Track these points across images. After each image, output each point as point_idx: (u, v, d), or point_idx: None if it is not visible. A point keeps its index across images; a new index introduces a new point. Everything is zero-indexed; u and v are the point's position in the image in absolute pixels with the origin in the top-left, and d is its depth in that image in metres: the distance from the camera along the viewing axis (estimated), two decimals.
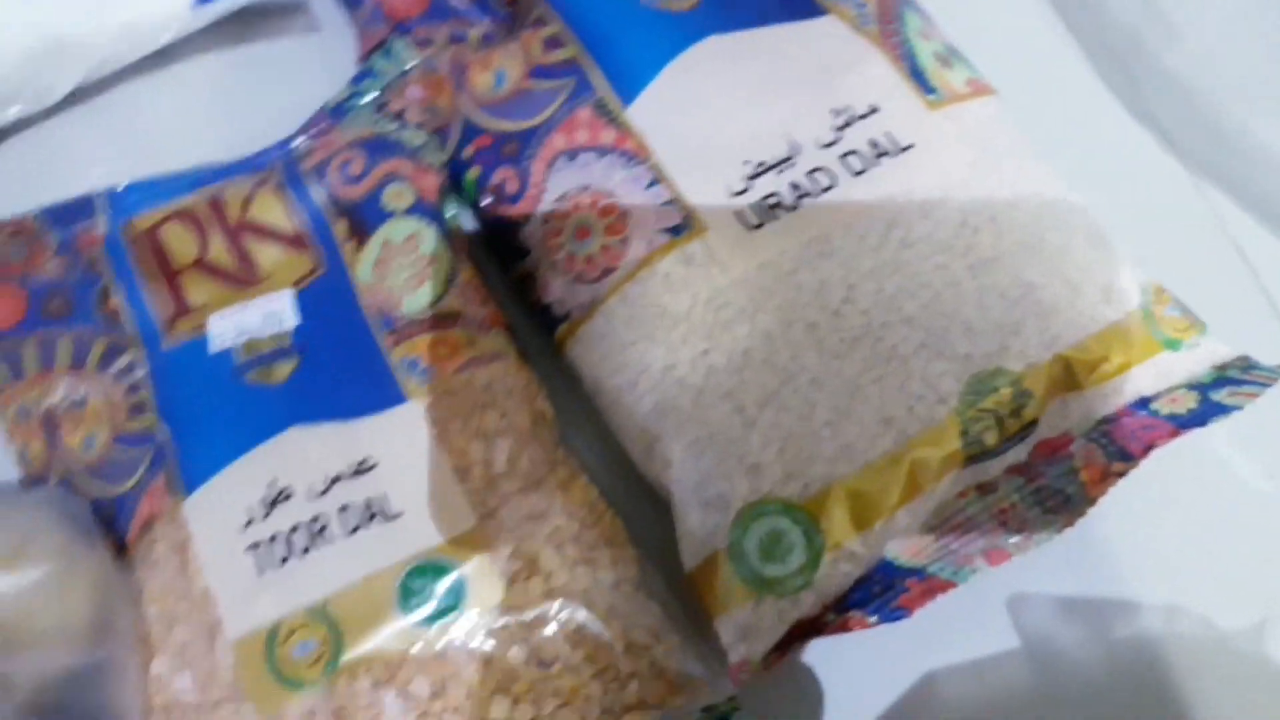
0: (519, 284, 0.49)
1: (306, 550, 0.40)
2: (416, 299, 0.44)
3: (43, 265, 0.46)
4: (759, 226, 0.44)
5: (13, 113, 0.51)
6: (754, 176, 0.45)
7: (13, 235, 0.47)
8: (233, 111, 0.54)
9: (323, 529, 0.40)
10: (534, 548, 0.41)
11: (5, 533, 0.39)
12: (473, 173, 0.48)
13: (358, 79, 0.50)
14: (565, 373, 0.48)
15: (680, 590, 0.43)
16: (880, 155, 0.45)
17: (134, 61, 0.53)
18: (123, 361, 0.44)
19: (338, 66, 0.53)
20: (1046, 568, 0.45)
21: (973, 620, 0.46)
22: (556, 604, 0.40)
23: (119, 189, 0.49)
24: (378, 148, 0.47)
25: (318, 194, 0.47)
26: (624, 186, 0.45)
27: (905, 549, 0.42)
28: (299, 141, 0.49)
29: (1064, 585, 0.47)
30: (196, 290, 0.45)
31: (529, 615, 0.40)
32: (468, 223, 0.50)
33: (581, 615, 0.40)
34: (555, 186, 0.46)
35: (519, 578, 0.40)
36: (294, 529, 0.40)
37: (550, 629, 0.40)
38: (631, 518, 0.44)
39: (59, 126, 0.53)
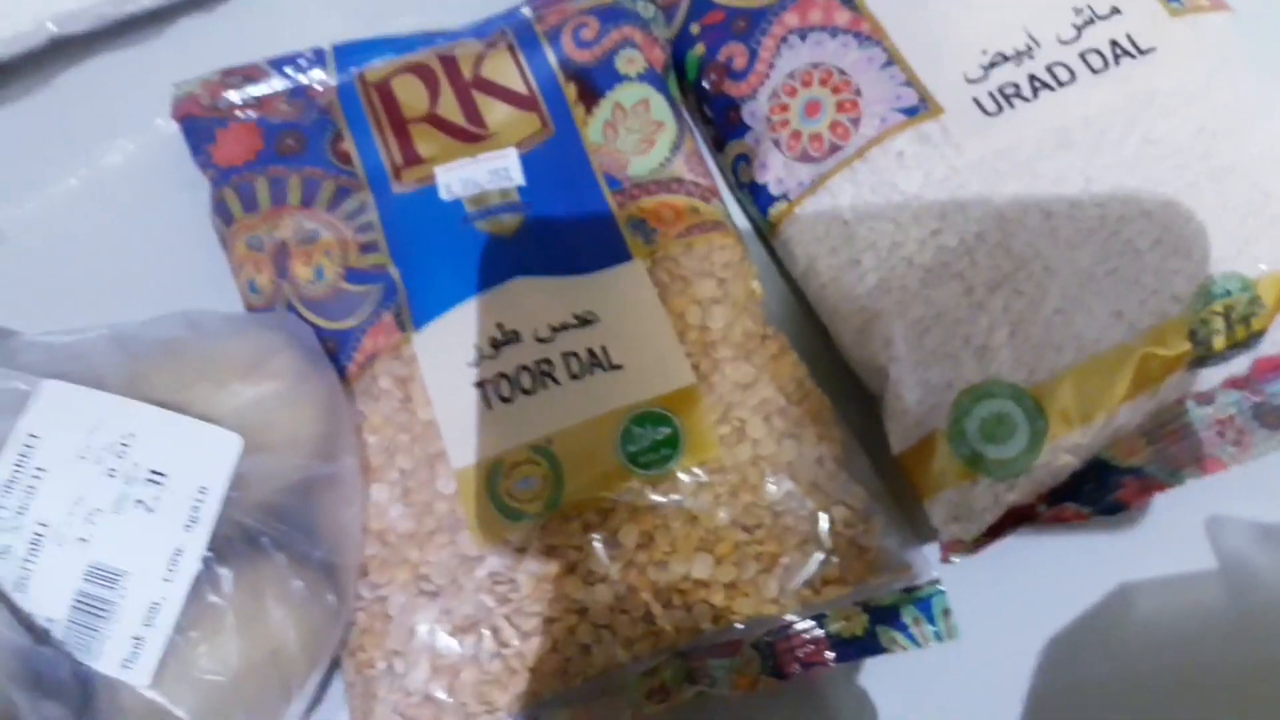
0: (730, 164, 0.49)
1: (531, 390, 0.40)
2: (645, 161, 0.45)
3: (276, 107, 0.47)
4: (996, 113, 0.43)
5: None
6: (991, 66, 0.44)
7: (246, 79, 0.48)
8: None
9: (547, 372, 0.40)
10: (743, 414, 0.41)
11: (244, 348, 0.40)
12: (698, 49, 0.48)
13: None
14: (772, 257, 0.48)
15: (883, 475, 0.43)
16: (1120, 56, 0.44)
17: None
18: (352, 202, 0.45)
19: None
20: (1245, 492, 0.44)
21: (1171, 538, 0.45)
22: (762, 471, 0.40)
23: (348, 45, 0.50)
24: (612, 14, 0.47)
25: (550, 56, 0.47)
26: (858, 66, 0.45)
27: (1122, 447, 0.41)
28: (527, 9, 0.50)
29: (1263, 510, 0.45)
30: (425, 142, 0.46)
31: (736, 478, 0.40)
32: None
33: (786, 485, 0.40)
34: (785, 63, 0.46)
35: (729, 441, 0.40)
36: (520, 369, 0.41)
37: (755, 495, 0.40)
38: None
39: None
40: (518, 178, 0.45)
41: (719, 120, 0.48)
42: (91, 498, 0.33)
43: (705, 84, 0.48)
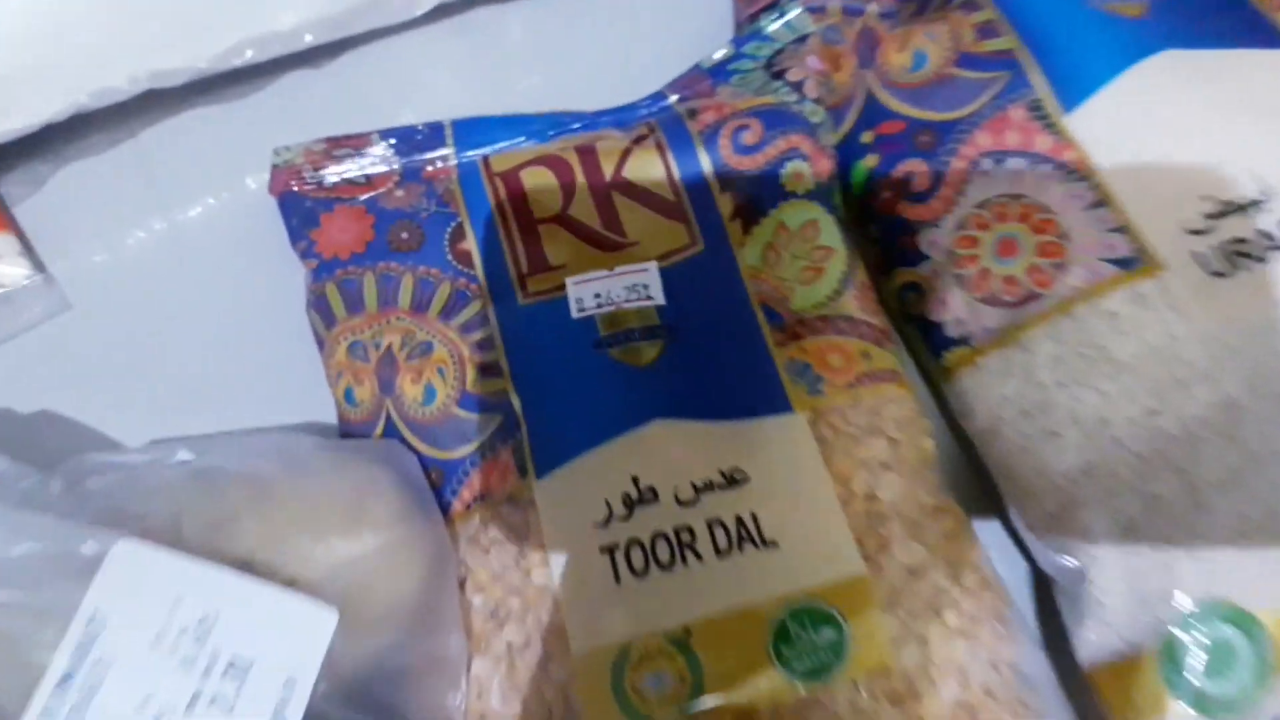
0: (897, 291, 0.42)
1: (669, 564, 0.34)
2: (810, 293, 0.39)
3: (389, 190, 0.42)
4: (1222, 275, 0.37)
5: (381, 14, 0.46)
6: (1216, 216, 0.38)
7: (356, 150, 0.43)
8: (589, 54, 0.48)
9: (689, 544, 0.34)
10: (914, 607, 0.35)
11: (342, 489, 0.34)
12: (869, 161, 0.42)
13: (742, 40, 0.45)
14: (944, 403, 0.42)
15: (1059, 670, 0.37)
16: None
17: None
18: (469, 312, 0.39)
19: (707, 25, 0.47)
20: None
21: None
22: (932, 678, 0.34)
23: (468, 121, 0.44)
24: (778, 118, 0.41)
25: (704, 160, 0.41)
26: (1062, 203, 0.39)
27: None
28: (675, 99, 0.44)
29: None
30: (556, 247, 0.40)
31: (901, 686, 0.34)
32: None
33: (954, 693, 0.34)
34: (976, 190, 0.40)
35: (898, 643, 0.34)
36: (657, 536, 0.35)
37: (922, 706, 0.34)
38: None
39: (401, 46, 0.48)
40: (659, 296, 0.39)
41: (888, 242, 0.42)
42: (161, 697, 0.27)
43: (875, 201, 0.42)
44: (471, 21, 0.49)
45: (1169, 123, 0.40)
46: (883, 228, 0.43)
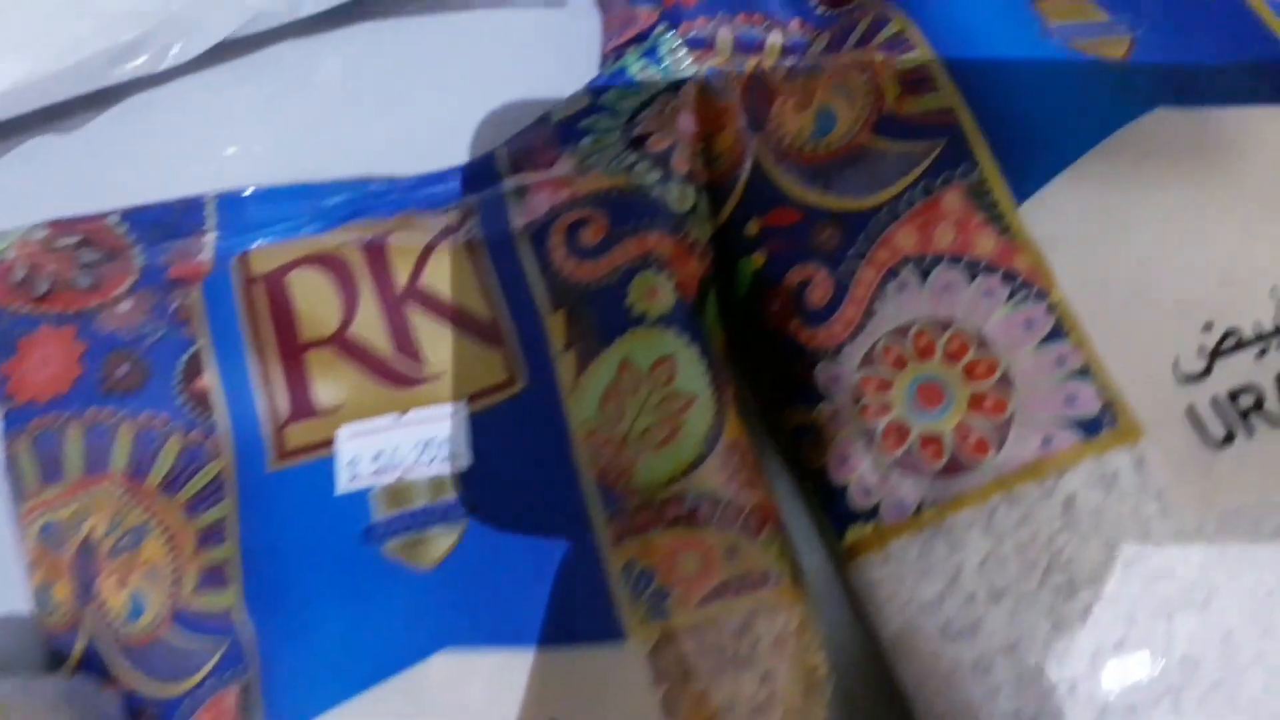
0: (789, 433, 0.32)
1: None
2: (661, 463, 0.28)
3: (115, 302, 0.31)
4: (1226, 441, 0.26)
5: (133, 68, 0.35)
6: (1220, 353, 0.27)
7: (85, 241, 0.32)
8: (424, 94, 0.37)
9: None
10: None
11: None
12: (756, 259, 0.32)
13: (602, 85, 0.33)
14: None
15: None
16: None
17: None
18: (203, 479, 0.29)
19: (579, 54, 0.36)
20: None
21: None
22: None
23: (240, 195, 0.33)
24: (629, 209, 0.31)
25: (530, 266, 0.30)
26: (1008, 333, 0.28)
27: None
28: (505, 169, 0.33)
29: None
30: (328, 380, 0.30)
31: None
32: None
33: None
34: (893, 311, 0.30)
35: None
36: None
37: None
38: None
39: (175, 96, 0.37)
40: (462, 455, 0.28)
41: (777, 369, 0.32)
42: None
43: (762, 313, 0.32)
44: (271, 61, 0.38)
45: (1159, 216, 0.29)
46: (771, 350, 0.32)
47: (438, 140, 0.36)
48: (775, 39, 0.34)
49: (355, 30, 0.38)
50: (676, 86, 0.33)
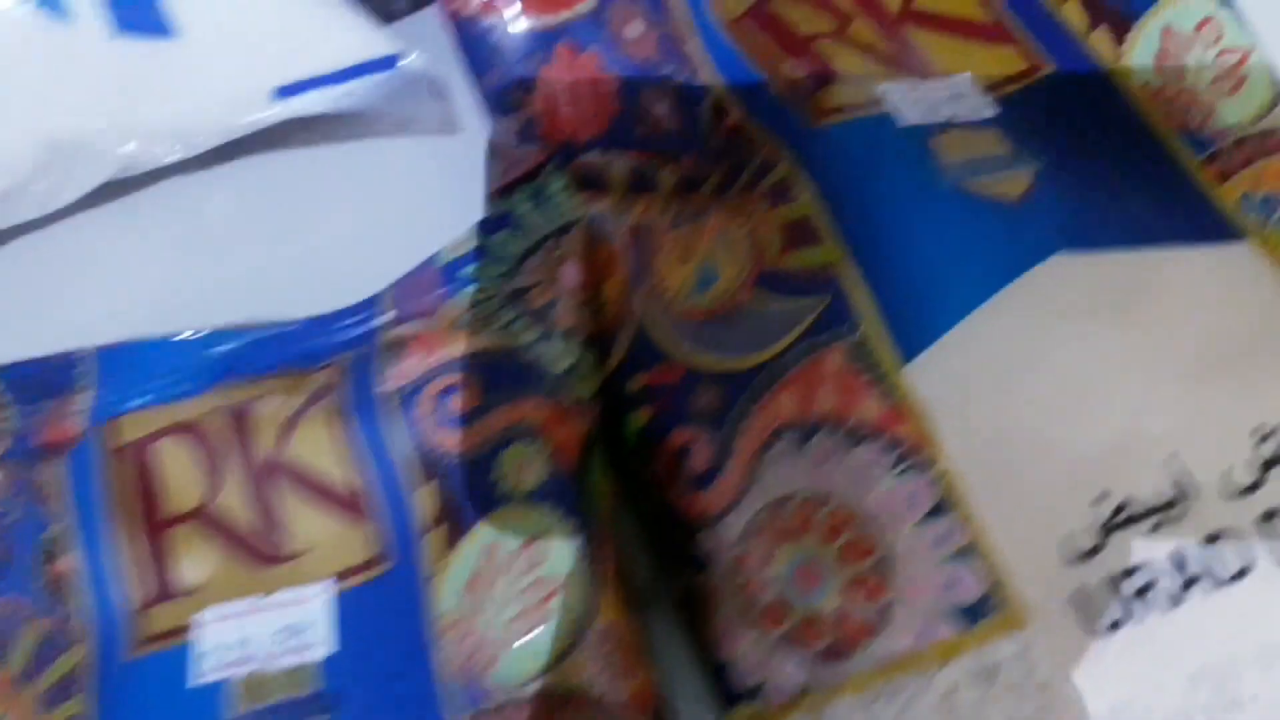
0: (679, 602, 0.31)
1: None
2: (524, 658, 0.27)
3: None
4: (1114, 627, 0.25)
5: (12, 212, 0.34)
6: (1111, 526, 0.26)
7: None
8: (317, 227, 0.36)
9: None
10: None
11: None
12: (640, 416, 0.31)
13: (489, 225, 0.32)
14: None
15: None
16: None
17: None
18: (62, 668, 0.28)
19: (478, 183, 0.35)
20: None
21: None
22: None
23: (120, 348, 0.32)
24: (502, 374, 0.30)
25: (399, 435, 0.29)
26: (889, 508, 0.27)
27: None
28: (387, 317, 0.32)
29: None
30: (192, 559, 0.29)
31: None
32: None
33: None
34: (773, 480, 0.28)
35: None
36: None
37: None
38: None
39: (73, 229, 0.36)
40: (322, 645, 0.27)
41: (662, 531, 0.30)
42: None
43: (646, 474, 0.30)
44: (159, 198, 0.37)
45: (1053, 376, 0.28)
46: (656, 511, 0.30)
47: (331, 275, 0.35)
48: (668, 176, 0.33)
49: (245, 163, 0.37)
50: (563, 231, 0.32)
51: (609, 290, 0.32)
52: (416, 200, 0.36)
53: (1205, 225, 0.30)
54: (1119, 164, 0.31)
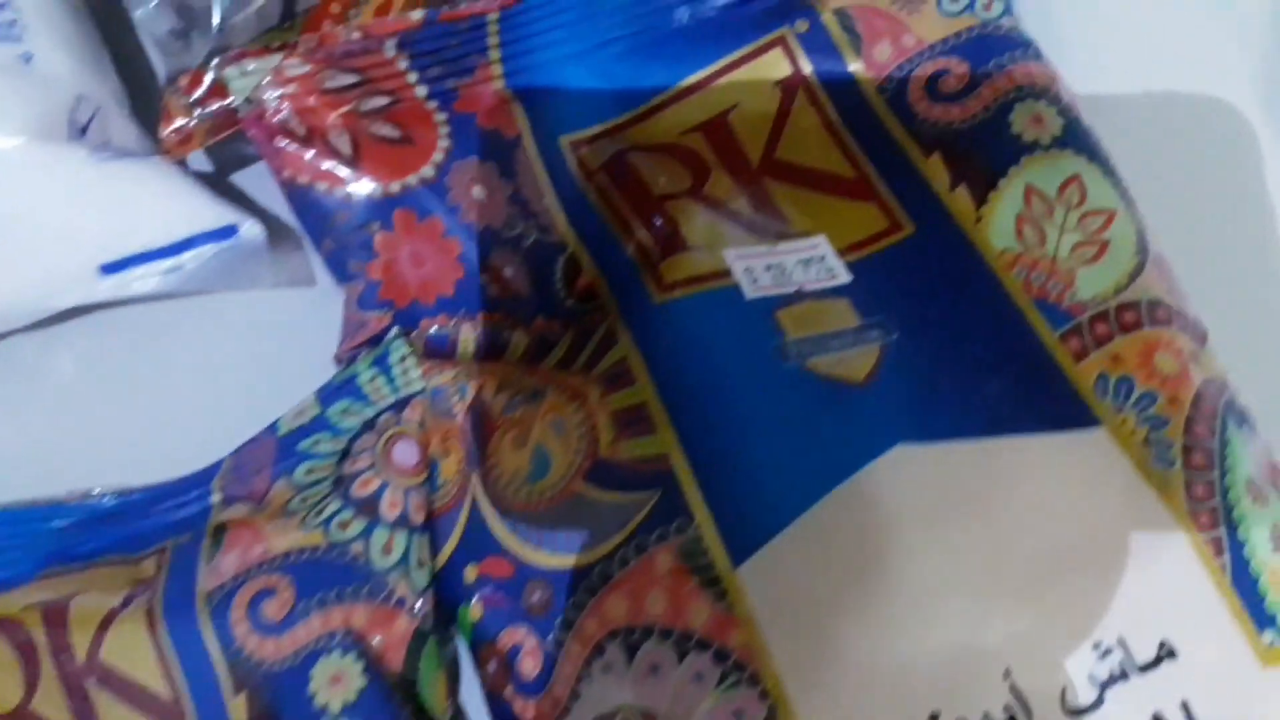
0: None
1: None
2: None
3: None
4: None
5: None
6: None
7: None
8: (167, 387, 0.35)
9: None
10: None
11: None
12: (473, 610, 0.29)
13: (329, 394, 0.31)
14: None
15: None
16: None
17: None
18: None
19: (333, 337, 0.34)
20: None
21: None
22: None
23: None
24: (320, 575, 0.29)
25: (211, 643, 0.28)
26: None
27: None
28: (217, 498, 0.30)
29: None
30: None
31: None
32: None
33: None
34: (599, 694, 0.27)
35: None
36: None
37: None
38: None
39: None
40: None
41: None
42: None
43: (482, 669, 0.29)
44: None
45: (888, 583, 0.27)
46: (495, 712, 0.29)
47: (178, 439, 0.34)
48: (519, 340, 0.32)
49: (91, 320, 0.35)
50: (402, 406, 0.31)
51: (446, 470, 0.30)
52: (271, 357, 0.35)
53: (1060, 410, 0.29)
54: (974, 337, 0.30)
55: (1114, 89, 0.39)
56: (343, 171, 0.31)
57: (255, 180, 0.36)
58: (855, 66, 0.34)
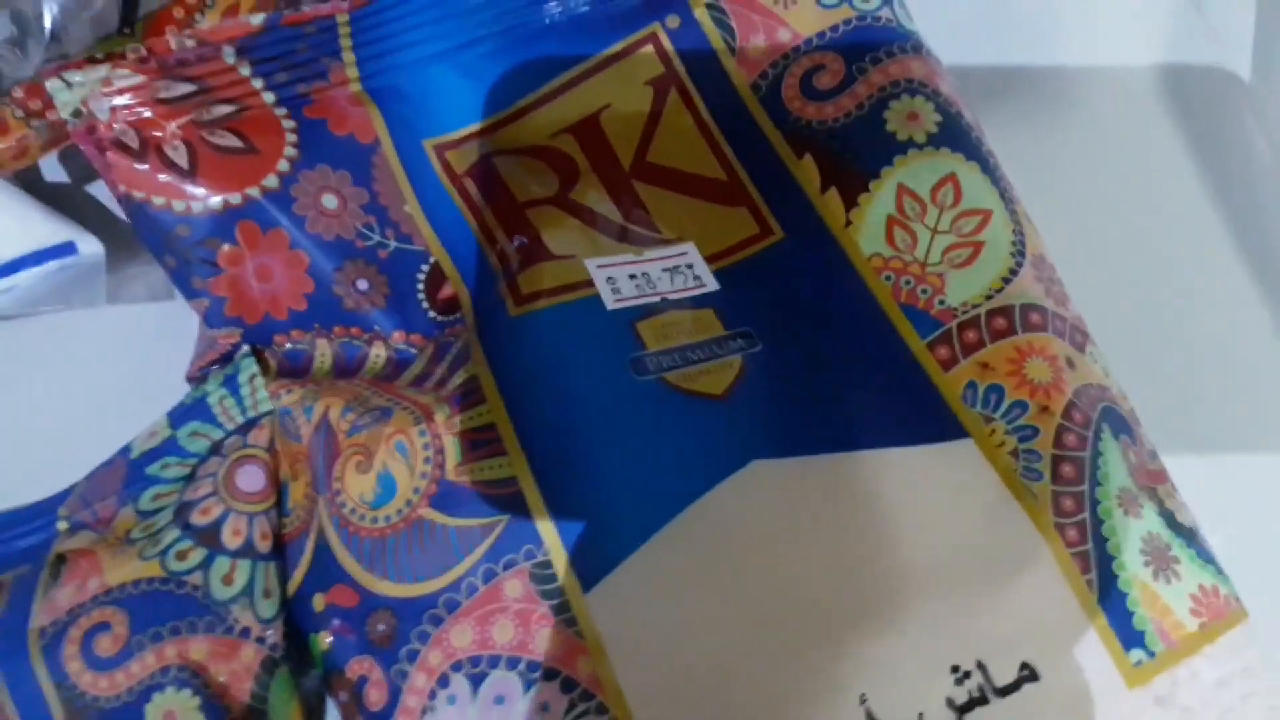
0: None
1: None
2: None
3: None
4: None
5: None
6: None
7: None
8: (26, 402, 0.34)
9: None
10: None
11: None
12: (323, 640, 0.28)
13: (180, 415, 0.30)
14: None
15: None
16: None
17: None
18: None
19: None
20: None
21: None
22: None
23: None
24: (156, 607, 0.27)
25: (42, 679, 0.27)
26: None
27: None
28: (62, 526, 0.29)
29: None
30: None
31: None
32: None
33: None
34: None
35: None
36: None
37: None
38: None
39: None
40: None
41: None
42: None
43: (335, 698, 0.28)
44: None
45: (739, 610, 0.26)
46: None
47: (32, 459, 0.32)
48: (379, 352, 0.31)
49: None
50: (249, 426, 0.30)
51: (294, 494, 0.29)
52: (128, 372, 0.33)
53: (926, 420, 0.28)
54: (842, 347, 0.29)
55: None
56: (180, 184, 0.30)
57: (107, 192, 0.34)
58: (728, 64, 0.33)
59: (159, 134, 0.30)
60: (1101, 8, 0.38)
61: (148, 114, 0.30)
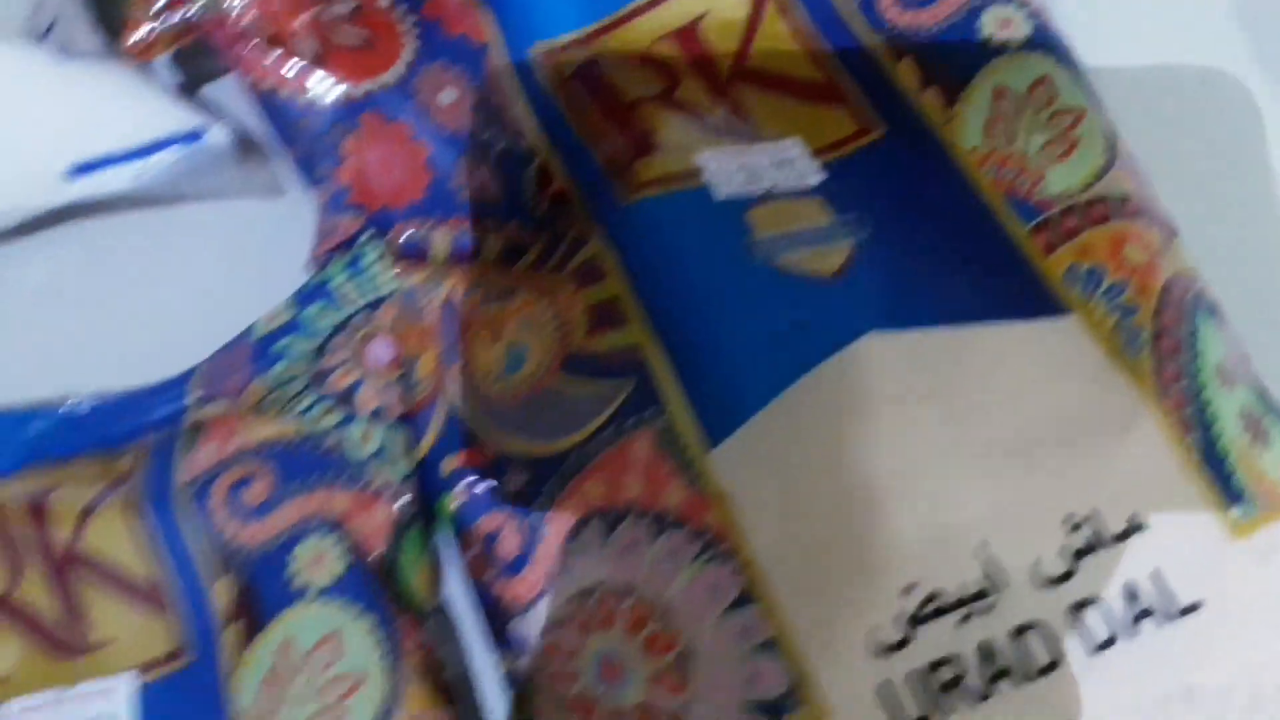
0: (506, 681, 0.30)
1: None
2: None
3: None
4: None
5: None
6: (918, 619, 0.25)
7: None
8: (137, 296, 0.35)
9: None
10: None
11: None
12: (453, 499, 0.30)
13: (304, 297, 0.31)
14: None
15: None
16: (1140, 616, 0.25)
17: None
18: None
19: (303, 247, 0.34)
20: None
21: None
22: None
23: None
24: (298, 463, 0.29)
25: (191, 528, 0.28)
26: (692, 600, 0.27)
27: None
28: (195, 396, 0.31)
29: None
30: None
31: None
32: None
33: None
34: (579, 570, 0.28)
35: None
36: None
37: None
38: None
39: None
40: None
41: (486, 616, 0.30)
42: None
43: (464, 556, 0.30)
44: None
45: (861, 463, 0.28)
46: (475, 594, 0.30)
47: (151, 345, 0.33)
48: (492, 244, 0.32)
49: (62, 231, 0.35)
50: (375, 305, 0.31)
51: (422, 368, 0.31)
52: (241, 265, 0.35)
53: (1029, 299, 0.29)
54: (945, 233, 0.30)
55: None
56: (308, 76, 0.32)
57: (223, 95, 0.36)
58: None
59: (287, 27, 0.32)
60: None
61: (277, 7, 0.31)
